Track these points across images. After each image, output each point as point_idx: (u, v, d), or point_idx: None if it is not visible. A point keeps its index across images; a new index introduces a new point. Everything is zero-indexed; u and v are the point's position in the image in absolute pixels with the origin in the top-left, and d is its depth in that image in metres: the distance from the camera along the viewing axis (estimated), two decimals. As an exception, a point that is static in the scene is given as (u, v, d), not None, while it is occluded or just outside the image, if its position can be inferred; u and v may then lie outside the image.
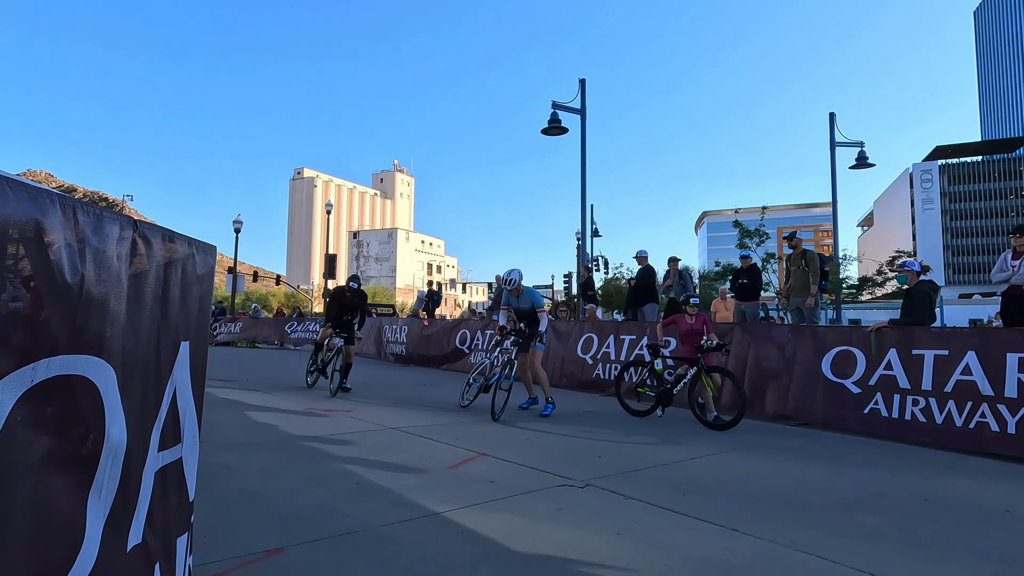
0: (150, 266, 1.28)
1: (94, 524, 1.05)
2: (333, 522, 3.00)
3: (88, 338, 1.01)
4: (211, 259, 1.67)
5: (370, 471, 4.05)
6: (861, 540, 3.02)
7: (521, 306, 6.97)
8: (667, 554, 2.76)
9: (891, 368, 6.19)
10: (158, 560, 1.35)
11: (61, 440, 0.98)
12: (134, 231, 1.21)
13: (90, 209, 1.06)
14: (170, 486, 1.44)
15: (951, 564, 2.78)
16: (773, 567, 2.65)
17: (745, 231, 20.42)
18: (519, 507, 3.38)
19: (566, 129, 13.76)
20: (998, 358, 5.47)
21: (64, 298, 0.95)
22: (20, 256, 0.87)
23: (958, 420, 5.60)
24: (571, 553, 2.72)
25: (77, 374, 0.99)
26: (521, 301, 6.94)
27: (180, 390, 1.46)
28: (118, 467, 1.11)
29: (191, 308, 1.52)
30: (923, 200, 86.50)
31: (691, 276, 11.03)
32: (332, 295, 8.83)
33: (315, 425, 5.78)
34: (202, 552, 2.38)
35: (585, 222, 14.54)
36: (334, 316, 8.44)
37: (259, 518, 3.06)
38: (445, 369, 12.56)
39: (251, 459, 4.32)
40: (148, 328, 1.26)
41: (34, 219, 0.88)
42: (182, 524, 1.57)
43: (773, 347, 7.29)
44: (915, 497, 3.92)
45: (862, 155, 15.47)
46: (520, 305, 6.97)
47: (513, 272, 6.89)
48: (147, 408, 1.28)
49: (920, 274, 6.84)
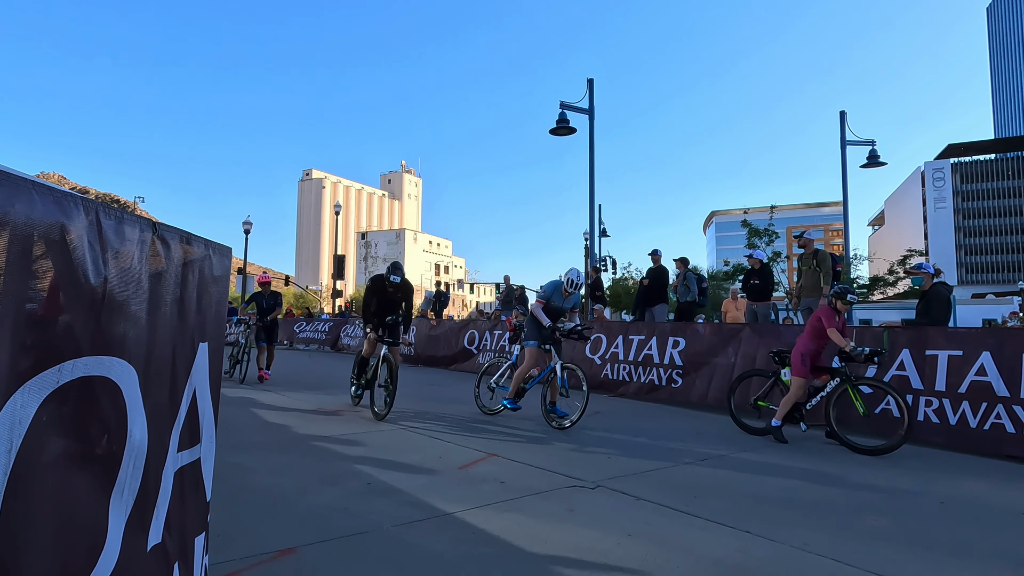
0: (168, 268, 1.29)
1: (116, 524, 1.06)
2: (345, 522, 3.01)
3: (111, 339, 1.02)
4: (227, 260, 1.68)
5: (381, 471, 4.06)
6: (875, 542, 3.00)
7: (564, 305, 6.65)
8: (679, 556, 2.75)
9: (904, 368, 6.13)
10: (176, 560, 1.36)
11: (85, 441, 0.99)
12: (153, 233, 1.22)
13: (111, 211, 1.07)
14: (188, 486, 1.45)
15: (966, 567, 2.75)
16: (787, 569, 2.64)
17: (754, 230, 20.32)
18: (530, 508, 3.38)
19: (574, 129, 13.74)
20: (1014, 359, 5.41)
21: (88, 300, 0.96)
22: (46, 258, 0.88)
23: (973, 421, 5.54)
24: (583, 554, 2.71)
25: (100, 375, 1.00)
26: (566, 301, 6.62)
27: (199, 391, 1.47)
28: (140, 468, 1.12)
29: (208, 309, 1.53)
30: (935, 199, 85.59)
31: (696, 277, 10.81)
32: (370, 288, 6.75)
33: (326, 425, 5.81)
34: (216, 551, 2.39)
35: (593, 222, 14.52)
36: (374, 315, 6.54)
37: (272, 518, 3.08)
38: (453, 369, 12.58)
39: (263, 459, 4.35)
40: (167, 329, 1.27)
41: (59, 222, 0.89)
42: (199, 524, 1.58)
43: (784, 347, 7.23)
44: (930, 499, 3.88)
45: (873, 154, 15.35)
46: (564, 304, 6.64)
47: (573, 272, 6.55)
48: (167, 409, 1.29)
49: (934, 276, 6.78)
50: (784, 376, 5.99)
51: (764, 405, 6.22)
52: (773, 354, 6.27)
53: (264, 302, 9.94)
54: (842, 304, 5.70)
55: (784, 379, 5.98)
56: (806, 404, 5.73)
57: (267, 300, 9.96)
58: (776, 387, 6.16)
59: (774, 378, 6.16)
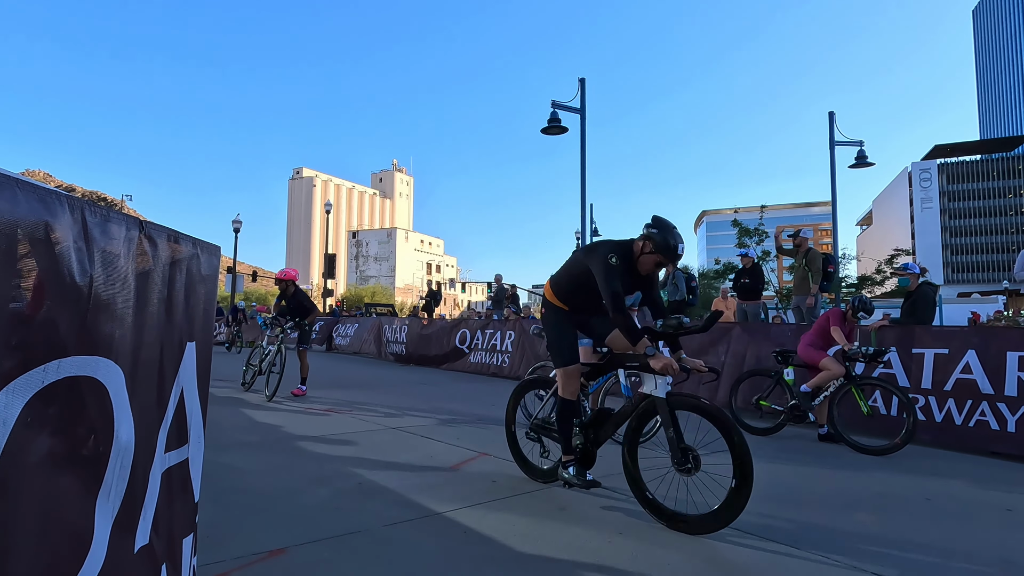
0: (156, 267, 1.28)
1: (102, 526, 1.05)
2: (335, 522, 3.00)
3: (97, 339, 1.01)
4: (215, 259, 1.67)
5: (371, 471, 4.05)
6: (863, 539, 3.03)
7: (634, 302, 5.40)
8: (670, 554, 2.77)
9: (891, 367, 6.20)
10: (164, 562, 1.35)
11: (71, 442, 0.98)
12: (140, 231, 1.21)
13: (97, 210, 1.05)
14: (176, 487, 1.44)
15: (953, 563, 2.78)
16: (776, 566, 2.66)
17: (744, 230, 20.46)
18: (521, 506, 3.38)
19: (566, 128, 13.75)
20: (998, 357, 5.49)
21: (74, 299, 0.95)
22: (30, 258, 0.86)
23: (958, 418, 5.61)
24: (574, 553, 2.72)
25: (86, 375, 0.99)
26: None
27: (187, 391, 1.46)
28: (127, 468, 1.11)
29: (196, 308, 1.51)
30: (922, 199, 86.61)
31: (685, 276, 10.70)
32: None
33: (316, 425, 5.78)
34: (205, 552, 2.38)
35: (585, 221, 14.52)
36: None
37: (261, 518, 3.06)
38: (445, 369, 12.57)
39: (253, 459, 4.32)
40: (155, 329, 1.25)
41: (44, 220, 0.88)
42: (187, 525, 1.56)
43: (773, 346, 7.29)
44: (917, 496, 3.93)
45: (861, 154, 15.48)
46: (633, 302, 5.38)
47: None
48: (155, 409, 1.28)
49: (920, 276, 6.87)
50: (787, 376, 5.95)
51: (766, 405, 6.16)
52: (776, 353, 6.19)
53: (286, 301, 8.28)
54: (852, 316, 5.74)
55: (787, 379, 5.94)
56: (812, 401, 5.71)
57: (290, 300, 8.27)
58: (779, 386, 6.10)
59: (777, 377, 6.11)
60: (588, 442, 3.57)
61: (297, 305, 8.21)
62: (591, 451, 3.58)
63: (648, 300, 3.65)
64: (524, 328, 11.16)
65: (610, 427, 3.54)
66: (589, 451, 3.57)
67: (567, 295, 3.63)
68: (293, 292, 8.30)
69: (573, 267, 3.59)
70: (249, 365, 8.50)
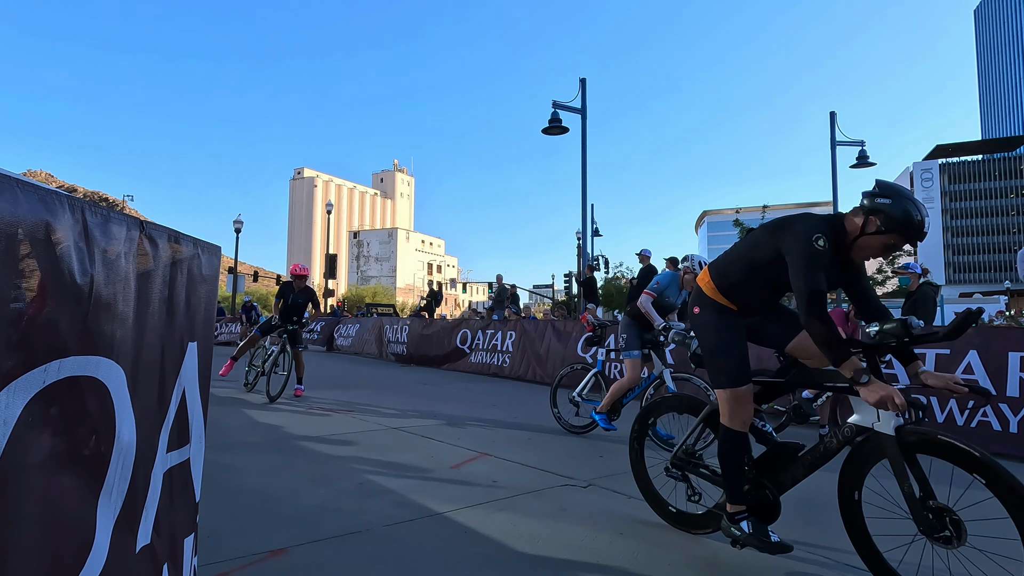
0: (157, 267, 1.28)
1: (104, 526, 1.05)
2: (336, 522, 3.00)
3: (98, 339, 1.01)
4: (216, 260, 1.67)
5: (372, 471, 4.05)
6: (864, 539, 3.02)
7: (677, 302, 5.47)
8: (670, 554, 2.76)
9: (892, 367, 6.19)
10: (166, 562, 1.35)
11: (72, 442, 0.98)
12: (141, 232, 1.21)
13: (98, 210, 1.06)
14: (177, 487, 1.44)
15: (956, 563, 2.77)
16: (778, 566, 2.66)
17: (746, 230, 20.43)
18: (522, 507, 3.38)
19: (567, 128, 13.76)
20: (1000, 357, 5.48)
21: (74, 299, 0.95)
22: (31, 258, 0.87)
23: (959, 419, 5.61)
24: (574, 554, 2.72)
25: (88, 375, 0.99)
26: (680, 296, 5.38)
27: (188, 391, 1.46)
28: (128, 468, 1.11)
29: (197, 309, 1.52)
30: (923, 199, 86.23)
31: None
32: None
33: (316, 425, 5.78)
34: (206, 553, 2.38)
35: (586, 221, 14.54)
36: None
37: (262, 518, 3.06)
38: (446, 369, 12.57)
39: (253, 459, 4.32)
40: (156, 329, 1.26)
41: (44, 220, 0.88)
42: (188, 525, 1.57)
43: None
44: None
45: (863, 154, 15.49)
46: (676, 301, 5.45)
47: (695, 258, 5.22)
48: (156, 409, 1.28)
49: (921, 276, 6.86)
50: None
51: (768, 406, 6.15)
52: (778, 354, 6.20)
53: (292, 299, 7.94)
54: (854, 316, 5.71)
55: None
56: (816, 400, 5.71)
57: (296, 297, 7.96)
58: None
59: None
60: (766, 488, 2.69)
61: (304, 303, 8.06)
62: (771, 501, 2.68)
63: (856, 295, 2.70)
64: (525, 328, 11.16)
65: (800, 470, 2.63)
66: (768, 501, 2.68)
67: (740, 290, 2.69)
68: (303, 288, 8.17)
69: (754, 250, 2.64)
70: (251, 366, 8.51)
